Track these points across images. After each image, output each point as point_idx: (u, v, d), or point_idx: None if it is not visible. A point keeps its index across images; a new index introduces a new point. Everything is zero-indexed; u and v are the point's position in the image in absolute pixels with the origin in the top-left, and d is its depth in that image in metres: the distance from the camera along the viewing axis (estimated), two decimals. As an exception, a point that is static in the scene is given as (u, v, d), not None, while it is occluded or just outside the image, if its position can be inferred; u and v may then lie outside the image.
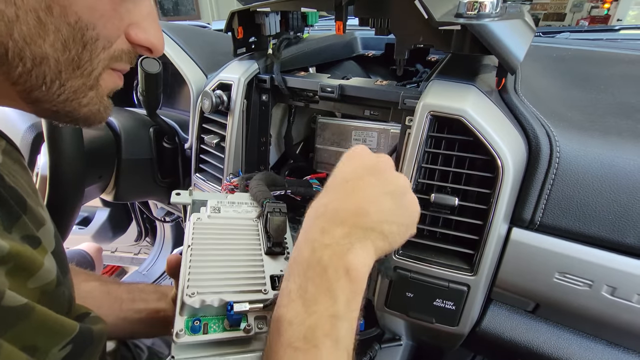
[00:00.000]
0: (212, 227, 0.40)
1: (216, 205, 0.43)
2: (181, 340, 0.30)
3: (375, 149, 0.64)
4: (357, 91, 0.52)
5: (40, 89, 0.25)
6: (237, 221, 0.42)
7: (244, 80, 0.58)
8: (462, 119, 0.40)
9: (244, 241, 0.39)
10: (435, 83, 0.45)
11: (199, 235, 0.38)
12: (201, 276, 0.34)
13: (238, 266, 0.36)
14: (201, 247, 0.37)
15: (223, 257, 0.37)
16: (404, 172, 0.45)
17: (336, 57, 0.80)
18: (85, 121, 0.29)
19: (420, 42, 0.44)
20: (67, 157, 0.52)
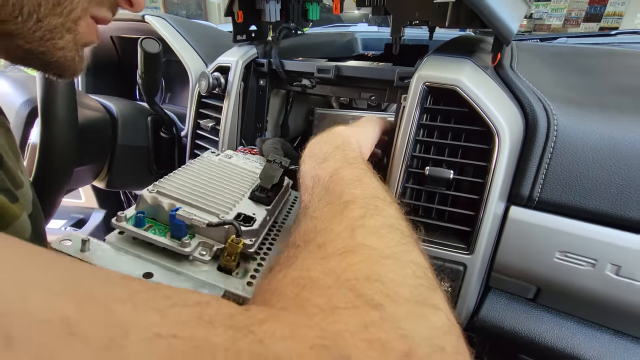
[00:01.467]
0: (217, 164, 0.43)
1: (231, 154, 0.47)
2: (119, 224, 0.30)
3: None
4: (354, 71, 0.52)
5: (16, 20, 0.24)
6: (241, 170, 0.44)
7: (242, 62, 0.58)
8: (457, 89, 0.40)
9: (236, 183, 0.40)
10: (431, 57, 0.45)
11: (200, 164, 0.41)
12: (173, 183, 0.34)
13: (213, 193, 0.36)
14: (194, 170, 0.39)
15: (206, 183, 0.37)
16: (398, 146, 0.44)
17: (336, 54, 0.81)
18: (57, 68, 0.28)
19: (416, 17, 0.44)
20: (59, 129, 0.51)
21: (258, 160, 0.48)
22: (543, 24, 5.26)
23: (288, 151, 0.51)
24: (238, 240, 0.31)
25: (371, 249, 0.21)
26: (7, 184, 0.28)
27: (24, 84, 0.63)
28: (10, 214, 0.27)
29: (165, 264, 0.30)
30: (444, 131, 0.43)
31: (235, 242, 0.30)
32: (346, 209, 0.25)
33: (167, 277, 0.29)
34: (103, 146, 0.70)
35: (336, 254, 0.20)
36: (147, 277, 0.28)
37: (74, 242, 0.28)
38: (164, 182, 0.34)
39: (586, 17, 5.03)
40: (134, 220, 0.30)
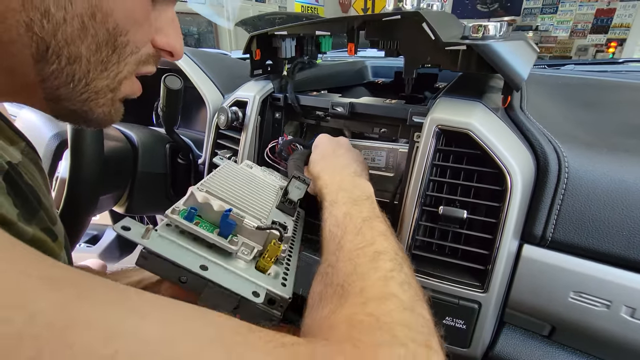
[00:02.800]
0: (242, 170, 0.45)
1: (251, 164, 0.49)
2: (173, 217, 0.32)
3: (384, 168, 0.65)
4: (367, 108, 0.54)
5: (67, 87, 0.26)
6: (261, 181, 0.47)
7: (259, 97, 0.61)
8: (469, 132, 0.41)
9: (263, 192, 0.44)
10: (442, 100, 0.46)
11: (229, 166, 0.44)
12: (218, 182, 0.37)
13: (251, 198, 0.39)
14: (229, 174, 0.42)
15: (242, 187, 0.40)
16: (411, 186, 0.45)
17: (347, 83, 0.83)
18: (96, 123, 0.30)
19: (428, 61, 0.46)
20: (87, 163, 0.54)
21: (273, 174, 0.52)
22: (549, 36, 5.28)
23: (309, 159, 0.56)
24: (279, 244, 0.34)
25: (400, 300, 0.26)
26: (47, 223, 0.30)
27: (52, 117, 0.67)
28: (54, 254, 0.28)
29: (211, 258, 0.32)
30: (457, 171, 0.44)
31: (277, 245, 0.34)
32: (379, 259, 0.30)
33: (219, 273, 0.31)
34: (125, 174, 0.72)
35: (375, 299, 0.26)
36: (203, 269, 0.30)
37: (134, 229, 0.30)
38: (209, 183, 0.37)
39: (593, 28, 5.04)
40: (185, 214, 0.32)
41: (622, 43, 4.84)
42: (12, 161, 0.31)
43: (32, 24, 0.22)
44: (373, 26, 0.48)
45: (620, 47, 4.81)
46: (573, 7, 5.13)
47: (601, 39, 4.96)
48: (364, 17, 0.48)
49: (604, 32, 4.93)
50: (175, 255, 0.30)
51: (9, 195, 0.27)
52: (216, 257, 0.32)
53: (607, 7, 4.97)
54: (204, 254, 0.32)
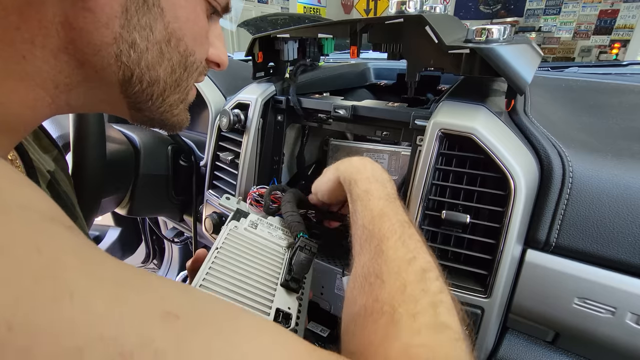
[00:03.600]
0: (244, 239, 0.42)
1: (255, 221, 0.45)
2: None
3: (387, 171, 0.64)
4: (369, 111, 0.54)
5: (147, 103, 0.28)
6: (268, 243, 0.43)
7: (261, 100, 0.61)
8: (472, 136, 0.41)
9: (266, 264, 0.40)
10: (445, 103, 0.46)
11: (230, 242, 0.40)
12: (218, 277, 0.35)
13: (252, 285, 0.37)
14: (228, 254, 0.38)
15: (243, 270, 0.38)
16: (414, 190, 0.45)
17: (350, 85, 0.83)
18: (171, 127, 0.33)
19: (431, 65, 0.46)
20: (89, 166, 0.54)
21: (280, 226, 0.48)
22: (552, 37, 5.26)
23: (300, 201, 0.52)
24: None
25: (451, 330, 0.26)
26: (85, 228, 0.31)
27: (56, 118, 0.67)
28: None
29: None
30: (460, 175, 0.44)
31: None
32: (426, 278, 0.29)
33: None
34: (127, 176, 0.72)
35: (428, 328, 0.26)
36: None
37: None
38: (209, 278, 0.35)
39: (596, 29, 5.02)
40: None
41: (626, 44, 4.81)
42: (50, 169, 0.33)
43: (120, 54, 0.24)
44: (376, 29, 0.48)
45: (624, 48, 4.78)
46: (576, 8, 5.11)
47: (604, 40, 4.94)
48: (367, 20, 0.48)
49: (607, 33, 4.92)
50: None
51: None
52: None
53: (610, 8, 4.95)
54: None
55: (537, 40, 5.19)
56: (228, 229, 0.42)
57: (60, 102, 0.25)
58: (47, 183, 0.32)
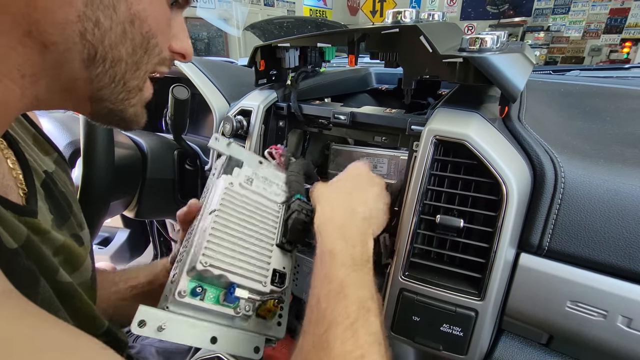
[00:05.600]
0: (240, 198, 0.40)
1: (250, 175, 0.43)
2: (183, 300, 0.33)
3: (386, 175, 0.66)
4: (367, 118, 0.55)
5: (110, 87, 0.29)
6: (263, 200, 0.43)
7: (263, 107, 0.62)
8: (465, 143, 0.42)
9: (262, 224, 0.41)
10: (440, 110, 0.47)
11: (227, 204, 0.39)
12: (218, 248, 0.36)
13: (250, 249, 0.39)
14: (225, 217, 0.38)
15: (240, 234, 0.39)
16: (410, 194, 0.46)
17: (351, 90, 0.85)
18: (128, 122, 0.33)
19: (426, 73, 0.47)
20: (98, 171, 0.56)
21: (275, 180, 0.46)
22: (561, 36, 5.20)
23: (309, 174, 0.54)
24: (277, 305, 0.38)
25: None
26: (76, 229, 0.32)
27: (67, 125, 0.70)
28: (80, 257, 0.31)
29: (218, 321, 0.36)
30: (454, 181, 0.45)
31: (276, 305, 0.38)
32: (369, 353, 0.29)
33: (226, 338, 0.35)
34: (134, 180, 0.75)
35: None
36: (213, 341, 0.34)
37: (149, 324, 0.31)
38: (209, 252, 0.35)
39: (606, 28, 4.95)
40: (191, 292, 0.34)
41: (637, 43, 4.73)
42: (48, 170, 0.34)
43: (85, 32, 0.25)
44: (372, 39, 0.50)
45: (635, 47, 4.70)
46: (586, 7, 5.04)
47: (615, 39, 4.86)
48: (364, 30, 0.50)
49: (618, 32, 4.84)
50: (187, 337, 0.33)
51: (46, 201, 0.30)
52: (223, 319, 0.36)
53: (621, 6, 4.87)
54: (213, 319, 0.36)
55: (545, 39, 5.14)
56: (223, 186, 0.40)
57: (29, 94, 0.26)
58: (41, 182, 0.33)
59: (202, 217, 0.40)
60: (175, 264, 0.39)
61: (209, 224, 0.37)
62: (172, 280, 0.36)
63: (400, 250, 0.47)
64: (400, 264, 0.46)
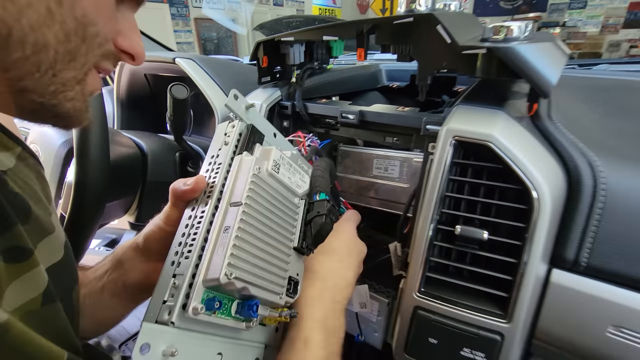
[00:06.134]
0: (267, 189, 0.34)
1: (278, 160, 0.36)
2: (198, 317, 0.28)
3: (398, 178, 0.61)
4: (378, 117, 0.51)
5: (33, 77, 0.24)
6: (286, 192, 0.37)
7: (266, 105, 0.58)
8: (489, 144, 0.37)
9: (283, 222, 0.36)
10: (459, 108, 0.43)
11: (255, 196, 0.32)
12: (244, 255, 0.30)
13: (272, 254, 0.33)
14: (252, 215, 0.32)
15: (265, 236, 0.33)
16: (425, 201, 0.41)
17: (360, 88, 0.80)
18: (67, 119, 0.28)
19: (443, 67, 0.42)
20: (92, 169, 0.53)
21: (299, 169, 0.40)
22: (578, 32, 5.03)
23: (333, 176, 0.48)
24: (287, 317, 0.34)
25: None
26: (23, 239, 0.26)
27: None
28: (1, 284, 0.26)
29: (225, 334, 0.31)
30: (476, 187, 0.40)
31: (285, 318, 0.34)
32: None
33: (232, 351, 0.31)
34: (134, 182, 0.72)
35: None
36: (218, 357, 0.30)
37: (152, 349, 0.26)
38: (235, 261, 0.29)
39: (626, 23, 4.76)
40: (206, 306, 0.29)
41: (660, 37, 4.54)
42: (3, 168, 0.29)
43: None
44: (384, 30, 0.45)
45: (657, 41, 4.52)
46: (604, 1, 4.87)
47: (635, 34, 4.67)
48: (374, 21, 0.45)
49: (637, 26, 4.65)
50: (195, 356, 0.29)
51: None
52: (230, 332, 0.32)
53: (642, -1, 4.68)
54: (221, 332, 0.31)
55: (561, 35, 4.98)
56: (251, 172, 0.32)
57: None
58: None
59: (221, 208, 0.32)
60: (172, 258, 0.31)
61: (234, 222, 0.30)
62: (176, 285, 0.29)
63: (414, 263, 0.42)
64: (414, 279, 0.42)
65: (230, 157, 0.36)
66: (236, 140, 0.37)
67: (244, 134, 0.38)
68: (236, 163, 0.34)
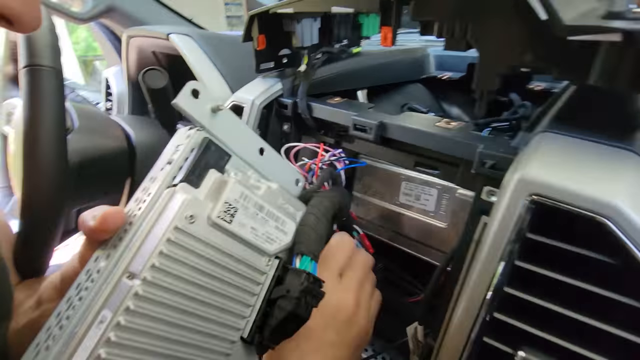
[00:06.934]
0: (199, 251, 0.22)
1: (235, 202, 0.24)
2: None
3: (433, 213, 0.44)
4: (404, 134, 0.34)
5: None
6: (243, 252, 0.24)
7: (259, 104, 0.44)
8: (607, 223, 0.19)
9: (227, 300, 0.23)
10: (547, 138, 0.24)
11: (168, 267, 0.21)
12: (132, 342, 0.20)
13: (191, 345, 0.22)
14: (155, 299, 0.20)
15: (175, 330, 0.21)
16: (471, 279, 0.25)
17: (399, 79, 0.62)
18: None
19: (526, 63, 0.24)
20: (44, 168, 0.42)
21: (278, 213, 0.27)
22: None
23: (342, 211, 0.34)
24: None
25: None
26: None
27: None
28: None
29: None
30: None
31: None
32: None
33: None
34: (118, 179, 0.63)
35: None
36: None
37: None
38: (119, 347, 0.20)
39: None
40: None
41: None
42: None
43: None
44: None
45: None
46: None
47: None
48: (410, -19, 0.28)
49: None
50: None
51: None
52: None
53: None
54: None
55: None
56: (172, 226, 0.21)
57: None
58: None
59: (111, 277, 0.21)
60: (39, 339, 0.22)
61: (115, 310, 0.19)
62: (47, 346, 0.20)
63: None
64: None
65: (166, 185, 0.23)
66: (183, 160, 0.24)
67: (196, 152, 0.24)
68: (163, 201, 0.22)
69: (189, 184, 0.23)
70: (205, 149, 0.24)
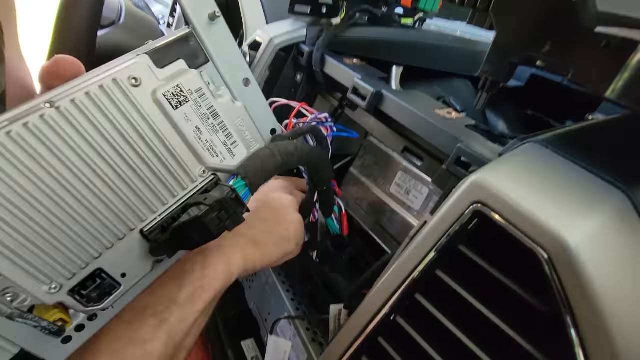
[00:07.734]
0: (127, 112, 0.21)
1: (189, 93, 0.23)
2: None
3: (417, 212, 0.41)
4: (397, 112, 0.30)
5: None
6: (180, 147, 0.23)
7: (276, 44, 0.42)
8: (543, 257, 0.16)
9: (142, 185, 0.22)
10: (532, 149, 0.20)
11: (87, 109, 0.19)
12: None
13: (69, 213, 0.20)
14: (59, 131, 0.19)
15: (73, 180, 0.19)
16: (388, 276, 0.23)
17: (444, 68, 0.56)
18: None
19: (541, 55, 0.20)
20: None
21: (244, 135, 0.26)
22: None
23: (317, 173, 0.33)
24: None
25: None
26: None
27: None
28: None
29: None
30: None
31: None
32: None
33: None
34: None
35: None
36: None
37: None
38: None
39: None
40: None
41: None
42: None
43: None
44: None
45: None
46: None
47: None
48: None
49: None
50: None
51: None
52: None
53: None
54: None
55: None
56: (112, 76, 0.20)
57: None
58: None
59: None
60: None
61: (28, 113, 0.18)
62: None
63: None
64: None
65: (135, 54, 0.22)
66: (163, 43, 0.23)
67: (173, 39, 0.23)
68: (118, 62, 0.21)
69: (152, 60, 0.22)
70: (183, 39, 0.23)
